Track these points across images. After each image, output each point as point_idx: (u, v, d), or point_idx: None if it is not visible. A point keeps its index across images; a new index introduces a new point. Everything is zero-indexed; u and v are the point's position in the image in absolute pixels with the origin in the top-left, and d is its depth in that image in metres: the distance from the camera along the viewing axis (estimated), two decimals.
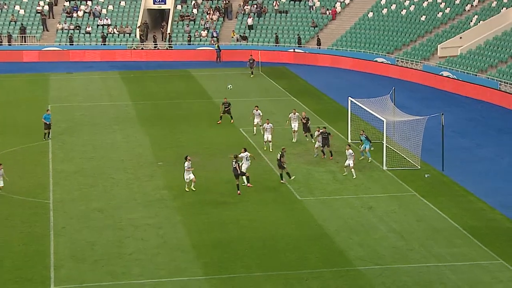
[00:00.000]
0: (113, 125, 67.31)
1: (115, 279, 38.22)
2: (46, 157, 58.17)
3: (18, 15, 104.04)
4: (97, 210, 47.54)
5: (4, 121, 68.99)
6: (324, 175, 53.63)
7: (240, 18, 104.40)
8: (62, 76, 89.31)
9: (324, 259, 40.60)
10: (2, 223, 45.79)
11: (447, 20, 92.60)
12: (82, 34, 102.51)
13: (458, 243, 42.49)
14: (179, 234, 43.87)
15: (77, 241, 43.02)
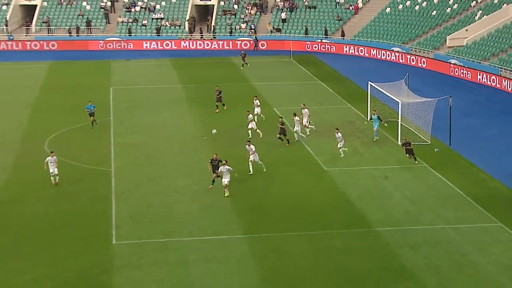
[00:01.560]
0: (164, 105, 67.64)
1: (166, 237, 38.68)
2: (108, 132, 58.60)
3: (85, 10, 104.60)
4: (151, 178, 47.94)
5: (74, 101, 69.47)
6: (347, 150, 53.53)
7: (274, 12, 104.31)
8: (121, 63, 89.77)
9: (346, 221, 40.81)
10: (72, 188, 46.31)
11: (455, 15, 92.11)
12: (139, 26, 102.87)
13: (463, 208, 42.53)
14: (220, 199, 44.15)
15: (134, 204, 43.50)
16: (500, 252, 36.96)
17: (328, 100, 69.61)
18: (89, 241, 38.40)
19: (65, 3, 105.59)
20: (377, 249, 37.20)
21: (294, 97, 70.54)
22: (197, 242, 38.12)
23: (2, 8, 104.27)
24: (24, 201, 44.05)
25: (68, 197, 44.71)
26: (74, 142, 55.65)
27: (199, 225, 40.21)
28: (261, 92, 72.13)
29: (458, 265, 35.56)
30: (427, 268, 35.19)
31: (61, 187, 46.34)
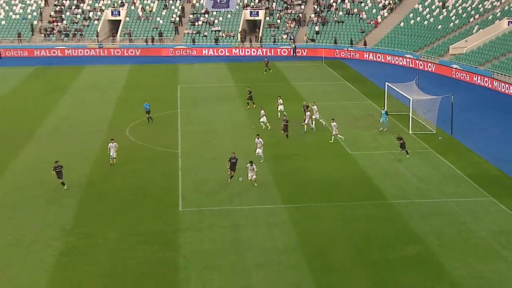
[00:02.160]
0: (221, 100, 67.79)
1: (222, 205, 38.97)
2: (176, 122, 58.85)
3: (159, 24, 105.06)
4: (210, 158, 48.19)
5: (149, 96, 69.82)
6: (367, 137, 53.38)
7: (310, 26, 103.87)
8: (187, 66, 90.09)
9: (366, 195, 40.72)
10: (148, 166, 46.74)
11: (456, 28, 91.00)
12: (201, 37, 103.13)
13: (461, 185, 42.23)
14: (266, 175, 44.23)
15: (196, 179, 43.76)
16: (490, 220, 36.75)
17: (353, 97, 69.31)
18: (161, 208, 38.86)
19: (143, 19, 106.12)
20: (392, 218, 37.13)
21: (325, 94, 70.34)
22: (246, 210, 38.33)
23: (95, 22, 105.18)
24: (110, 177, 44.57)
25: (144, 174, 45.15)
26: (149, 130, 56.12)
27: (248, 196, 40.39)
28: (298, 90, 72.08)
29: (457, 231, 35.38)
30: (432, 233, 35.07)
31: (138, 165, 46.79)
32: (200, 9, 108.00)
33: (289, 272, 31.01)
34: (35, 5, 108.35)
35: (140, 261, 32.14)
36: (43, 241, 34.55)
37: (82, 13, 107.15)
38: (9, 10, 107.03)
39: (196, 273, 30.88)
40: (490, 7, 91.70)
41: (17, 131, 56.36)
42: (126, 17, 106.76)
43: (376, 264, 31.71)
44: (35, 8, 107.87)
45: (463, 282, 29.72)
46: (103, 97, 70.36)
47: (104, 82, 79.04)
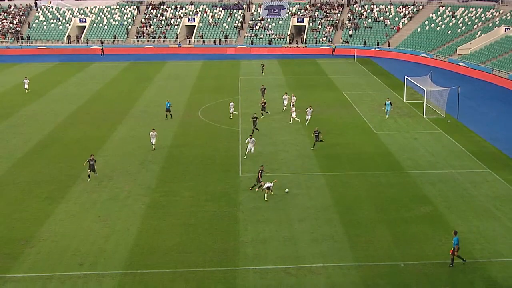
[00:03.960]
0: (273, 88, 67.47)
1: (273, 172, 38.84)
2: (237, 105, 58.63)
3: (225, 28, 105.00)
4: (263, 135, 48.03)
5: (217, 85, 70.28)
6: (389, 119, 52.55)
7: (344, 30, 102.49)
8: (246, 62, 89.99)
9: (387, 166, 40.27)
10: (215, 140, 46.91)
11: (463, 33, 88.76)
12: (258, 38, 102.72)
13: (465, 159, 41.44)
14: (307, 149, 44.08)
15: (253, 151, 43.69)
16: (487, 188, 36.05)
17: (378, 87, 68.34)
18: (226, 173, 39.06)
19: (212, 24, 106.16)
20: (408, 184, 36.67)
21: (356, 85, 69.50)
22: (291, 176, 38.28)
23: (175, 27, 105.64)
24: (186, 146, 44.94)
25: (211, 146, 45.36)
26: (216, 111, 56.27)
27: (293, 165, 40.33)
28: (334, 82, 71.32)
29: (460, 195, 34.79)
30: (440, 197, 34.56)
31: (207, 139, 46.99)
32: (257, 17, 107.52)
33: (325, 225, 30.96)
34: (129, 14, 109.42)
35: (208, 215, 32.44)
36: (134, 196, 35.14)
37: (165, 20, 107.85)
38: (110, 18, 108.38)
39: (252, 225, 31.05)
40: (491, 16, 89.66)
41: (115, 111, 57.21)
42: (199, 23, 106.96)
43: (395, 220, 31.43)
44: (130, 16, 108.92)
45: (464, 236, 29.26)
46: (181, 85, 70.80)
47: (181, 73, 79.48)
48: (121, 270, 26.72)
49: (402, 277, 25.96)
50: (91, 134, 48.89)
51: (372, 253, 27.95)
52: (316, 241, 29.13)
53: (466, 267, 26.64)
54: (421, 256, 27.56)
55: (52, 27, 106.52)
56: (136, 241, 29.41)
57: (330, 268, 26.61)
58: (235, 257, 27.68)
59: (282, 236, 29.76)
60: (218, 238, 29.56)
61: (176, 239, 29.50)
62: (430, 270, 26.38)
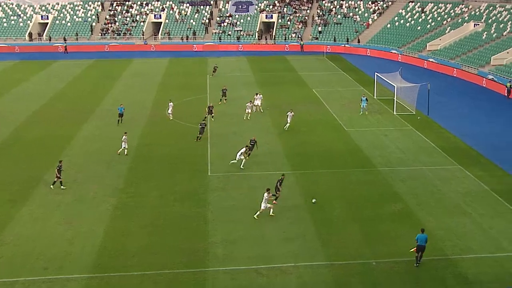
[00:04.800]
0: (242, 85, 67.60)
1: (242, 171, 38.92)
2: (205, 103, 58.19)
3: (192, 25, 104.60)
4: (233, 133, 48.11)
5: (185, 82, 70.04)
6: (360, 117, 53.07)
7: (314, 26, 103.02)
8: (214, 59, 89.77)
9: (358, 163, 40.60)
10: (183, 138, 46.69)
11: (433, 29, 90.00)
12: (226, 35, 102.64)
13: (435, 155, 42.01)
14: (278, 147, 44.20)
15: (222, 149, 43.72)
16: (457, 184, 36.59)
17: (348, 84, 68.88)
18: (194, 173, 38.92)
19: (179, 21, 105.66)
20: (378, 182, 37.01)
21: (326, 82, 69.98)
22: (261, 175, 38.32)
23: (141, 24, 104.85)
24: (154, 145, 44.68)
25: (179, 145, 45.18)
26: (184, 109, 56.02)
27: (263, 164, 40.35)
28: (304, 78, 71.66)
29: (430, 192, 35.26)
30: (410, 194, 34.97)
31: (175, 138, 46.78)
32: (225, 13, 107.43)
33: (296, 224, 31.08)
34: (93, 10, 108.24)
35: (177, 215, 32.30)
36: (100, 198, 34.80)
37: (131, 16, 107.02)
38: (73, 14, 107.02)
39: (222, 225, 31.00)
40: (460, 12, 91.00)
41: (79, 109, 56.56)
42: (166, 19, 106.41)
43: (366, 218, 31.70)
44: (94, 12, 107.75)
45: (434, 232, 29.69)
46: (147, 83, 70.33)
47: (148, 71, 78.97)
48: (87, 273, 26.44)
49: (373, 275, 26.21)
50: (55, 134, 48.25)
51: (343, 251, 28.15)
52: (287, 241, 29.22)
53: (437, 264, 27.01)
54: (393, 253, 27.86)
55: (13, 24, 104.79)
56: (103, 243, 29.12)
57: (301, 268, 26.73)
58: (204, 258, 27.60)
59: (253, 236, 29.78)
60: (187, 239, 29.45)
61: (144, 241, 29.29)
62: (401, 268, 26.69)
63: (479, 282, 25.57)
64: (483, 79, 68.26)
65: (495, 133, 48.28)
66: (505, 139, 46.60)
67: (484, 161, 40.98)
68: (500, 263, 27.05)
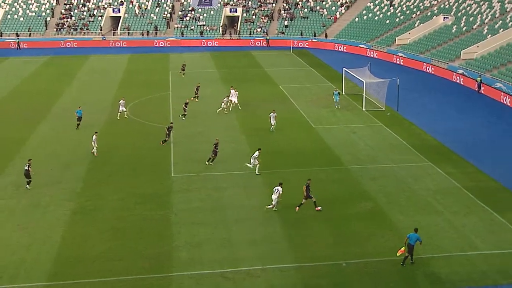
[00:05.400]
0: (206, 82, 67.30)
1: (207, 171, 38.94)
2: (168, 101, 58.54)
3: (153, 20, 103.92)
4: (197, 132, 48.05)
5: (146, 80, 69.60)
6: (328, 114, 53.50)
7: (280, 21, 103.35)
8: (176, 55, 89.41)
9: (327, 161, 40.90)
10: (143, 138, 46.47)
11: (401, 23, 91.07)
12: (189, 30, 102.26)
13: (405, 153, 42.54)
14: (244, 146, 44.23)
15: (186, 149, 43.66)
16: (429, 181, 37.12)
17: (316, 80, 69.32)
18: (156, 174, 38.72)
19: (139, 15, 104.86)
20: (348, 180, 37.34)
21: (293, 78, 70.34)
22: (227, 175, 38.34)
23: (98, 18, 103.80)
24: (114, 146, 44.26)
25: (141, 145, 44.91)
26: (146, 108, 55.71)
27: (228, 164, 40.34)
28: (270, 75, 71.86)
29: (401, 190, 35.70)
30: (381, 192, 35.35)
31: (137, 138, 46.49)
32: (187, 7, 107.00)
33: (263, 225, 31.14)
34: (48, 4, 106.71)
35: (139, 218, 32.08)
36: (57, 202, 34.36)
37: (88, 11, 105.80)
38: (26, 9, 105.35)
39: (186, 228, 30.90)
40: (429, 5, 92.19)
41: (34, 109, 55.77)
42: (125, 13, 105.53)
43: (335, 217, 31.93)
44: (48, 6, 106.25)
45: (406, 231, 29.97)
46: (107, 81, 69.68)
47: (107, 68, 78.25)
48: (44, 281, 26.08)
49: (344, 276, 26.42)
50: (9, 135, 47.45)
51: (312, 253, 28.31)
52: (254, 243, 29.28)
53: (408, 263, 27.35)
54: (363, 254, 28.12)
55: None
56: (60, 250, 28.76)
57: (269, 271, 26.80)
58: (168, 263, 27.48)
59: (218, 238, 29.75)
60: (150, 243, 29.28)
61: (104, 246, 29.02)
62: (372, 268, 26.96)
63: (451, 281, 25.98)
64: (453, 73, 69.39)
65: (466, 128, 49.13)
66: (476, 135, 47.46)
67: (455, 157, 41.68)
68: (473, 261, 27.54)
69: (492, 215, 32.13)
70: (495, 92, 60.30)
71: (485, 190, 35.67)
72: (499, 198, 34.49)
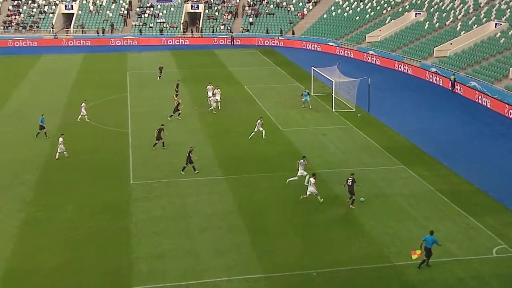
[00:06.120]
0: (166, 83, 67.06)
1: (168, 178, 38.74)
2: (126, 103, 58.14)
3: (109, 17, 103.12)
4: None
5: (102, 81, 69.00)
6: (296, 115, 53.70)
7: (244, 17, 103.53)
8: (135, 54, 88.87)
9: (295, 165, 40.76)
10: (100, 144, 46.06)
11: (372, 19, 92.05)
12: (147, 28, 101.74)
13: (378, 155, 42.90)
14: (208, 150, 44.13)
15: (145, 154, 43.37)
16: (402, 185, 37.47)
17: (283, 80, 69.54)
18: (115, 181, 38.41)
19: (94, 12, 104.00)
20: (318, 185, 37.27)
21: (258, 78, 70.48)
22: (190, 181, 38.18)
23: (50, 15, 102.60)
24: (69, 152, 43.55)
25: (97, 151, 44.50)
26: (102, 111, 55.19)
27: (191, 169, 40.17)
28: (235, 74, 71.89)
29: (374, 195, 35.97)
30: None
31: (93, 143, 46.05)
32: (146, 3, 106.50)
33: (229, 234, 31.09)
34: None
35: (95, 230, 31.73)
36: (6, 212, 33.81)
37: (38, 7, 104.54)
38: None
39: (147, 238, 30.68)
40: (400, 0, 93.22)
41: None
42: (79, 10, 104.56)
43: (305, 225, 32.04)
44: None
45: (379, 238, 30.34)
46: (59, 82, 68.87)
47: (60, 69, 77.35)
48: None
49: (315, 286, 26.53)
50: None
51: (281, 262, 28.36)
52: (220, 253, 29.21)
53: (382, 271, 27.59)
54: (335, 262, 28.27)
55: None
56: (10, 264, 28.29)
57: (236, 282, 26.77)
58: (128, 276, 27.24)
59: (182, 249, 29.61)
60: (108, 256, 28.99)
61: (58, 260, 28.63)
62: (344, 277, 27.12)
63: None
64: (426, 72, 70.33)
65: (440, 129, 49.83)
66: (450, 135, 48.17)
67: (428, 159, 42.22)
68: (448, 268, 27.90)
69: (467, 220, 32.62)
70: (470, 91, 61.28)
71: (460, 193, 36.20)
72: (474, 201, 35.02)
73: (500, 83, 59.96)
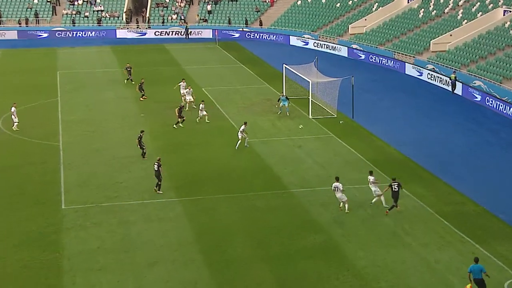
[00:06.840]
0: (106, 86, 66.93)
1: (109, 201, 38.56)
2: (56, 110, 57.83)
3: (33, 4, 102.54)
4: (95, 150, 47.59)
5: (26, 83, 68.50)
6: (265, 123, 53.94)
7: (201, 5, 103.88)
8: (67, 50, 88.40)
9: (265, 184, 41.13)
10: (24, 160, 45.72)
11: (356, 6, 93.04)
12: (82, 17, 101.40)
13: (364, 170, 42.99)
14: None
15: (81, 173, 43.20)
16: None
17: (249, 80, 69.84)
18: (42, 206, 38.10)
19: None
20: (292, 207, 37.65)
21: (219, 78, 70.67)
22: (136, 205, 38.07)
23: None
24: None
25: (21, 170, 44.10)
26: (25, 120, 54.69)
27: (138, 191, 40.09)
28: (191, 75, 71.95)
29: (360, 219, 36.19)
30: (335, 222, 35.76)
31: (14, 161, 45.69)
32: None
33: (185, 269, 31.05)
34: None
35: (19, 265, 31.40)
36: None
37: None
38: None
39: (82, 276, 30.47)
40: None
41: None
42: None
43: (277, 256, 32.11)
44: None
45: (366, 271, 30.53)
46: None
47: None
48: None
49: None
50: None
51: None
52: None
53: None
54: None
55: None
56: None
57: None
58: None
59: (126, 287, 29.56)
60: None
61: None
62: None
63: None
64: (422, 69, 71.10)
65: (439, 138, 50.43)
66: (450, 146, 48.77)
67: (425, 175, 42.69)
68: None
69: (473, 247, 32.98)
70: (473, 92, 62.04)
71: (463, 215, 36.61)
72: (481, 225, 35.45)
73: (510, 83, 60.73)
